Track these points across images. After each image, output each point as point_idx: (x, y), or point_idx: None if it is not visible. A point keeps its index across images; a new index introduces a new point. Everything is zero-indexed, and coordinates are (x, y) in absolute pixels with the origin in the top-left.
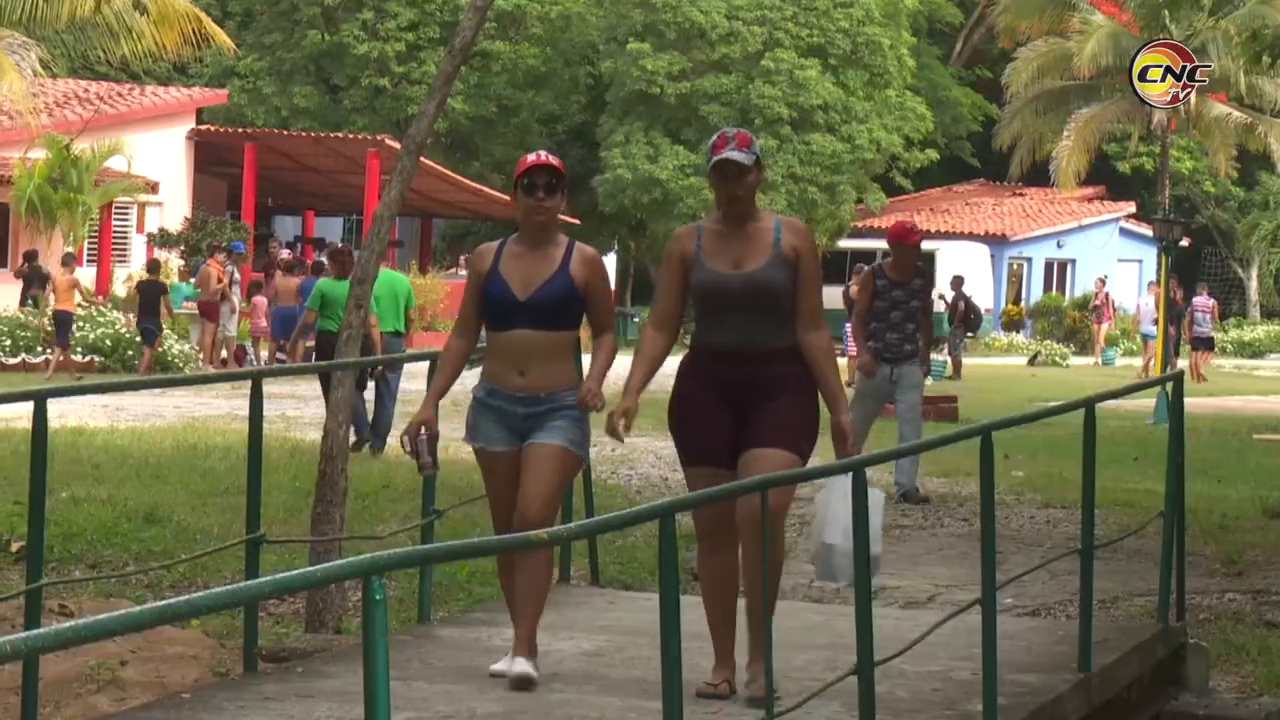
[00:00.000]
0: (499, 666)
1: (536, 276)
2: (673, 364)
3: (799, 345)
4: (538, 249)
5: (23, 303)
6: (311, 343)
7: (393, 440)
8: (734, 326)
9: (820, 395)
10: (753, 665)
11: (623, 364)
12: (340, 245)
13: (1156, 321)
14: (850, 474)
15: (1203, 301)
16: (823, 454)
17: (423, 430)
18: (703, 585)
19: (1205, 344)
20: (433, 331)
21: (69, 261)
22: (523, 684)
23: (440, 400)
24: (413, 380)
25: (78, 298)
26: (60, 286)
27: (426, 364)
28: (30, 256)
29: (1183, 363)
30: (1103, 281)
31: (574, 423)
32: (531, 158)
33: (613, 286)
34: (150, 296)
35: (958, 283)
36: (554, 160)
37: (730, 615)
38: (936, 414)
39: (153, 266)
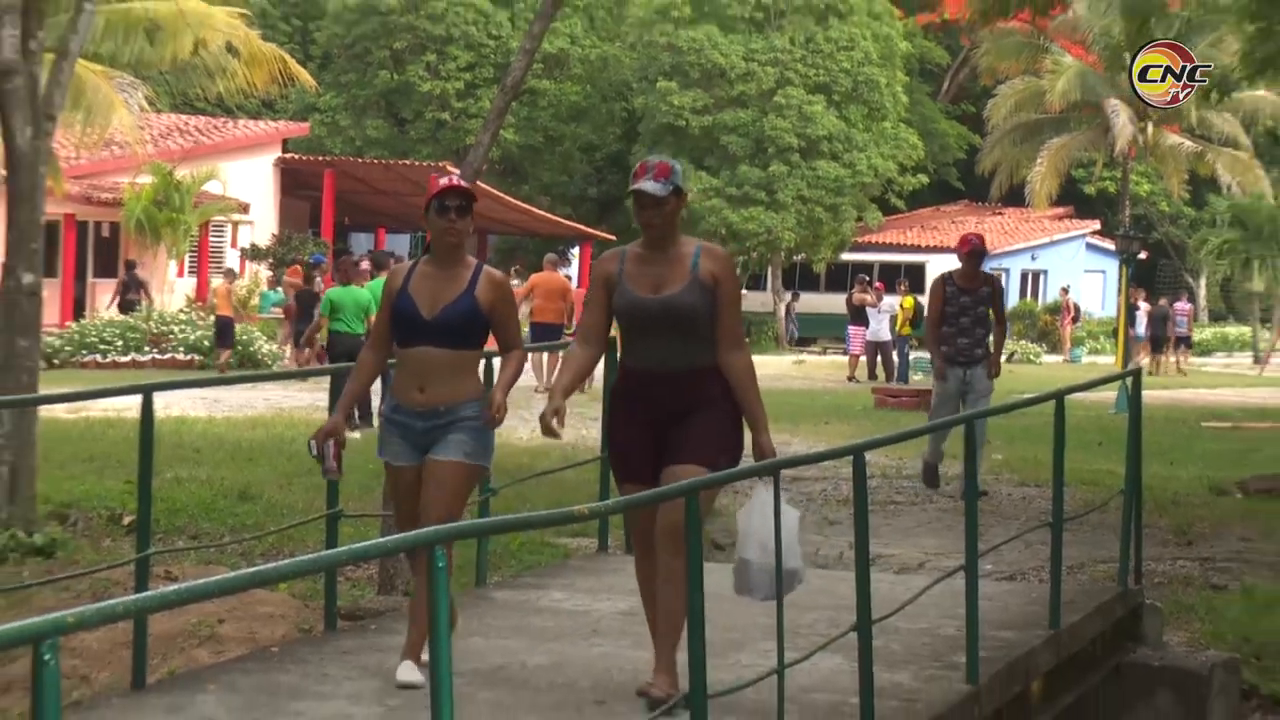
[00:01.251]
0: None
1: (443, 296)
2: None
3: (720, 366)
4: (447, 269)
5: (122, 307)
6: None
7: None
8: (654, 348)
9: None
10: (658, 673)
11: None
12: (343, 258)
13: (1143, 327)
14: (770, 481)
15: (1182, 306)
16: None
17: (331, 439)
18: (641, 590)
19: (1183, 342)
20: None
21: (230, 275)
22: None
23: (349, 411)
24: None
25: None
26: (220, 294)
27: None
28: (130, 265)
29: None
30: (1065, 290)
31: (472, 434)
32: (443, 181)
33: None
34: (306, 304)
35: None
36: (464, 184)
37: None
38: (925, 403)
39: (308, 277)
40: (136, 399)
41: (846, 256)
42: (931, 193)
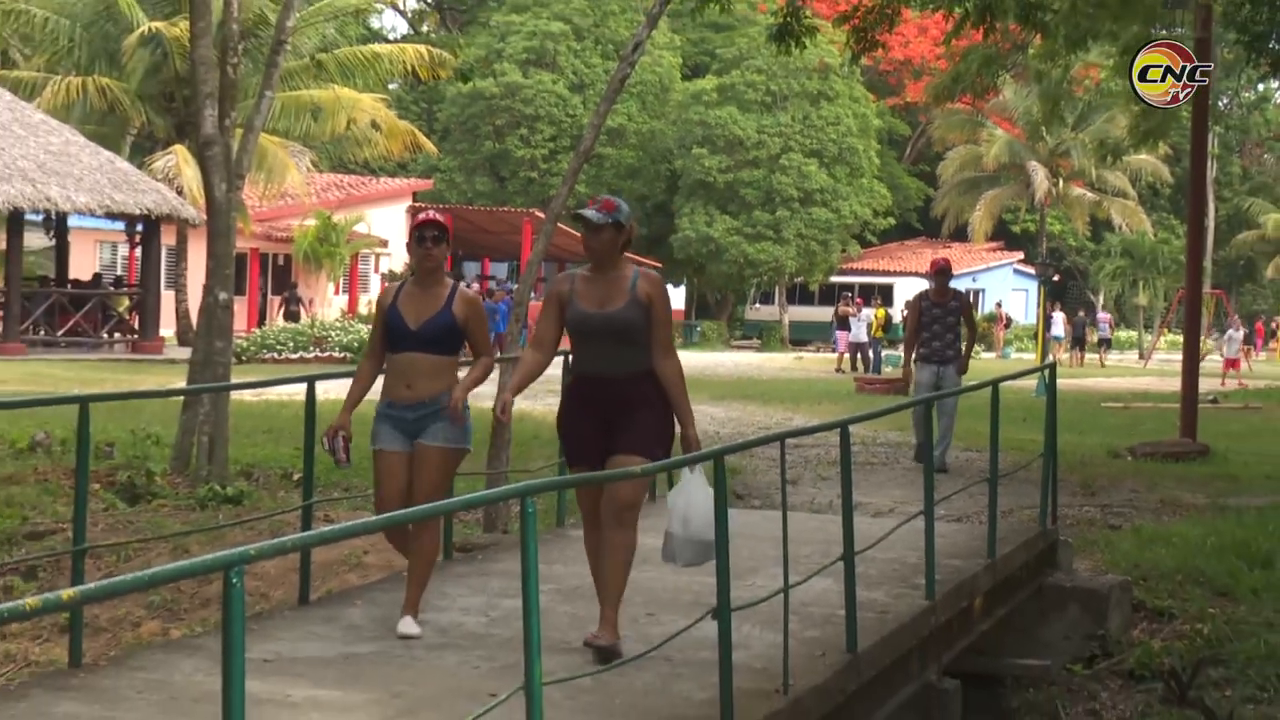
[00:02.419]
0: (408, 629)
1: (426, 311)
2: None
3: (654, 371)
4: (428, 289)
5: (286, 316)
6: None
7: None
8: (597, 355)
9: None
10: (603, 625)
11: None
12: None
13: (1064, 329)
14: (697, 470)
15: (1104, 316)
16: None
17: (339, 434)
18: (588, 557)
19: (1105, 344)
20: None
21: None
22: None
23: (353, 410)
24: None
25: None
26: None
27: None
28: (292, 286)
29: (1092, 356)
30: (1000, 304)
31: (454, 424)
32: (422, 215)
33: (680, 307)
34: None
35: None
36: (440, 217)
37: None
38: (895, 389)
39: (488, 294)
40: (303, 386)
41: (834, 279)
42: (897, 231)
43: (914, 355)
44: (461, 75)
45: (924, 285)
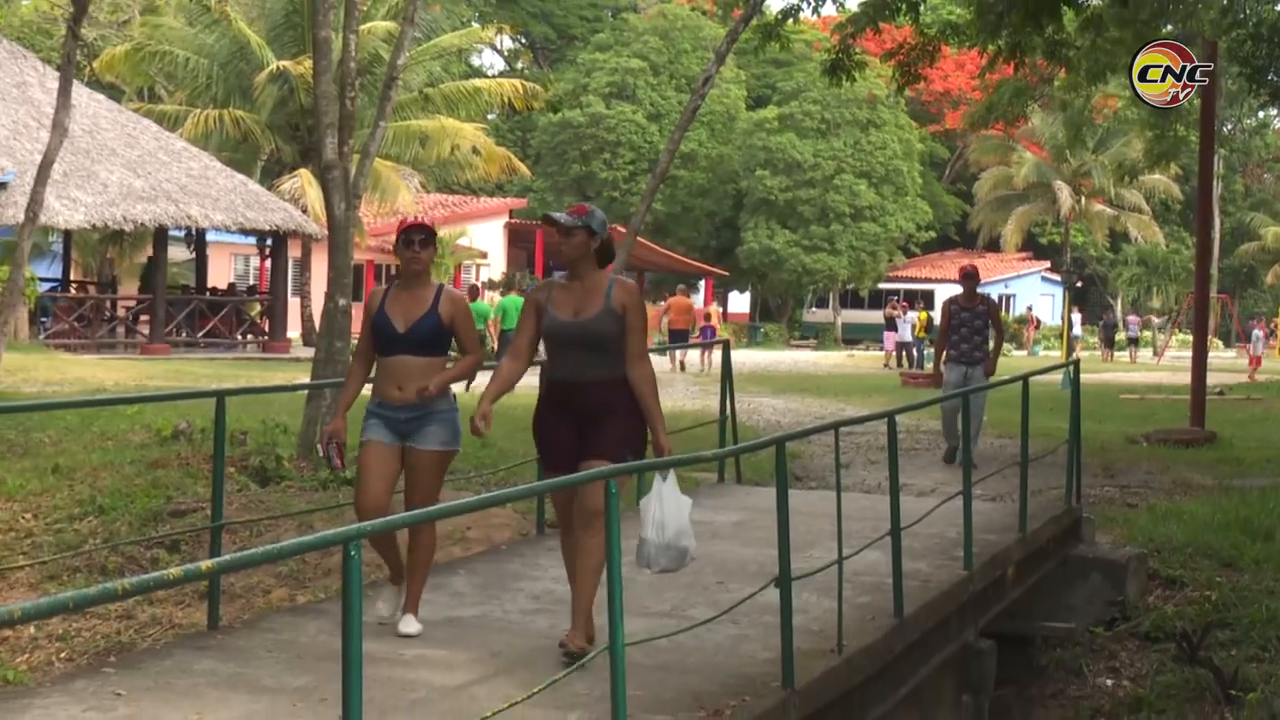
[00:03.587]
0: (384, 612)
1: (413, 313)
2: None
3: (626, 378)
4: (414, 291)
5: None
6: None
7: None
8: (571, 362)
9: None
10: (572, 631)
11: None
12: (511, 281)
13: (1080, 330)
14: (669, 477)
15: (1134, 318)
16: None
17: (333, 441)
18: (565, 559)
19: (1134, 343)
20: None
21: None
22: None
23: (345, 415)
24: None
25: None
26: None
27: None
28: None
29: (1121, 354)
30: (1030, 308)
31: (445, 425)
32: (410, 219)
33: (745, 310)
34: None
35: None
36: (425, 221)
37: None
38: (936, 383)
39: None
40: None
41: (882, 285)
42: (938, 243)
43: (944, 356)
44: (552, 106)
45: (959, 290)
